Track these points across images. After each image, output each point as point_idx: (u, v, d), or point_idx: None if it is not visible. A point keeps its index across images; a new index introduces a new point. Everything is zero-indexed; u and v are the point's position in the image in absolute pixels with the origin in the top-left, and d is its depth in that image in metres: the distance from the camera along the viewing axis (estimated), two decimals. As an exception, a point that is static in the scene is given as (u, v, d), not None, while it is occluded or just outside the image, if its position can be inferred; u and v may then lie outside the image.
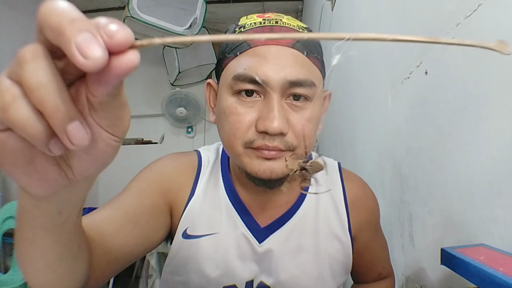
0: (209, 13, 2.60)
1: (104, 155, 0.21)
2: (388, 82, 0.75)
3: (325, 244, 0.55)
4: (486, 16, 0.41)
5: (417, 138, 0.61)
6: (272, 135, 0.42)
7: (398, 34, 0.19)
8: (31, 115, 0.17)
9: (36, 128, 0.17)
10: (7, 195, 2.14)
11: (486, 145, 0.41)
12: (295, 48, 0.44)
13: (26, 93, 0.17)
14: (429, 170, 0.56)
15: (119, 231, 0.44)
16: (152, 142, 3.27)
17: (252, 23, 0.46)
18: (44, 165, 0.20)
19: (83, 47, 0.16)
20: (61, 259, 0.31)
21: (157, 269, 1.95)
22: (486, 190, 0.41)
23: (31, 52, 0.17)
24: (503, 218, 0.38)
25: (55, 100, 0.17)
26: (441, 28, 0.52)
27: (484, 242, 0.42)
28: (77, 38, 0.16)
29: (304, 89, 0.44)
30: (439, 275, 0.52)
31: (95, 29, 0.17)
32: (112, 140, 0.21)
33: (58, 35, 0.16)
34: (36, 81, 0.17)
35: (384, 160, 0.80)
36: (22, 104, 0.17)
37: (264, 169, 0.44)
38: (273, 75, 0.42)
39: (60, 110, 0.17)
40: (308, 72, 0.44)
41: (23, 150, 0.19)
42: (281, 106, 0.43)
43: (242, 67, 0.43)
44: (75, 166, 0.21)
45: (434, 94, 0.55)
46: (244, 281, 0.53)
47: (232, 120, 0.44)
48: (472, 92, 0.44)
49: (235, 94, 0.44)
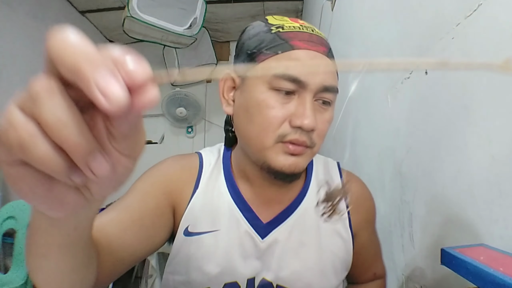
0: (209, 13, 2.60)
1: (122, 177, 0.21)
2: (388, 82, 0.75)
3: (327, 241, 0.56)
4: (486, 16, 0.41)
5: (417, 138, 0.61)
6: (305, 131, 0.46)
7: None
8: (51, 151, 0.17)
9: (57, 163, 0.17)
10: (7, 195, 2.13)
11: (486, 145, 0.41)
12: (328, 57, 0.49)
13: (45, 130, 0.16)
14: (429, 170, 0.56)
15: (125, 232, 0.45)
16: (152, 142, 3.27)
17: (291, 26, 0.49)
18: (63, 191, 0.20)
19: (105, 90, 0.15)
20: (73, 270, 0.31)
21: (157, 269, 1.95)
22: (486, 190, 0.41)
23: (46, 88, 0.16)
24: (503, 218, 0.38)
25: (76, 136, 0.16)
26: (441, 28, 0.52)
27: (484, 242, 0.42)
28: (98, 81, 0.15)
29: (331, 94, 0.48)
30: (439, 275, 0.52)
31: (113, 67, 0.16)
32: (130, 163, 0.21)
33: (76, 75, 0.16)
34: (55, 119, 0.16)
35: (384, 160, 0.80)
36: (41, 141, 0.16)
37: (290, 164, 0.47)
38: (313, 79, 0.45)
39: (81, 145, 0.17)
40: (335, 80, 0.49)
41: (43, 181, 0.18)
42: (313, 106, 0.46)
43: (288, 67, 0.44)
44: (94, 188, 0.21)
45: (434, 94, 0.55)
46: (246, 278, 0.53)
47: (267, 113, 0.46)
48: (472, 92, 0.44)
49: (272, 89, 0.46)
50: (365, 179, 0.63)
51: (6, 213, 1.79)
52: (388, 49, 0.76)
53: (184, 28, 2.35)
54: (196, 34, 2.43)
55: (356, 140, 1.10)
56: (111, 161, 0.19)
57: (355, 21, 1.09)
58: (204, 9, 2.37)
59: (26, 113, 0.17)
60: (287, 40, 0.46)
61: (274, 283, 0.53)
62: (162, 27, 2.27)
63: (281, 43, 0.46)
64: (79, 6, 2.91)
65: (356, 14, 1.07)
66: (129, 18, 2.18)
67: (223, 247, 0.53)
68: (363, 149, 1.00)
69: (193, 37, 2.44)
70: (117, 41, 3.49)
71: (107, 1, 2.84)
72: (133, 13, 2.15)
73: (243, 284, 0.52)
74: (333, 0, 1.40)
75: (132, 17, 2.16)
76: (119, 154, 0.19)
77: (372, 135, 0.91)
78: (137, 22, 2.21)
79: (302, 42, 0.46)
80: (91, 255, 0.35)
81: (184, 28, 2.35)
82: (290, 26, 0.48)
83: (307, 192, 0.57)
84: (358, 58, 1.05)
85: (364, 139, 0.99)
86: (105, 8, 2.93)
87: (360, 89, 1.03)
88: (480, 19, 0.43)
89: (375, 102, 0.86)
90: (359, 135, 1.05)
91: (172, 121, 3.18)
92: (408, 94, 0.65)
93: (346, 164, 1.27)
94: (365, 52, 0.96)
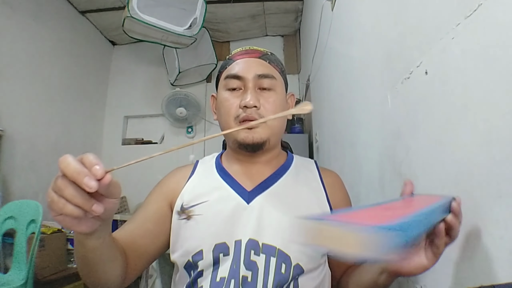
0: (209, 13, 2.60)
1: (112, 208, 0.43)
2: (388, 82, 0.75)
3: (307, 208, 0.65)
4: (486, 16, 0.41)
5: (417, 138, 0.61)
6: (250, 108, 0.64)
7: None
8: (73, 208, 0.38)
9: (77, 212, 0.38)
10: (7, 195, 2.14)
11: (486, 145, 0.41)
12: (261, 59, 0.70)
13: (68, 200, 0.37)
14: (429, 170, 0.57)
15: (134, 237, 0.63)
16: (152, 142, 3.27)
17: (235, 52, 0.73)
18: (86, 219, 0.42)
19: (87, 184, 0.36)
20: (103, 262, 0.52)
21: (157, 269, 1.95)
22: (486, 190, 0.41)
23: (63, 184, 0.37)
24: (503, 218, 0.38)
25: (83, 202, 0.38)
26: (441, 28, 0.52)
27: (484, 242, 0.42)
28: (84, 181, 0.36)
29: (268, 80, 0.67)
30: (439, 275, 0.52)
31: (88, 172, 0.37)
32: (114, 201, 0.43)
33: (74, 179, 0.36)
34: (71, 196, 0.37)
35: (384, 160, 0.80)
36: (68, 206, 0.38)
37: (247, 136, 0.64)
38: (248, 73, 0.67)
39: (86, 204, 0.38)
40: (270, 70, 0.68)
41: (73, 220, 0.40)
42: (254, 91, 0.66)
43: (230, 71, 0.69)
44: (101, 216, 0.42)
45: (434, 94, 0.55)
46: (234, 239, 0.60)
47: (226, 104, 0.67)
48: (472, 92, 0.44)
49: (227, 90, 0.68)
50: (365, 179, 0.63)
51: (6, 213, 1.79)
52: (388, 49, 0.76)
53: (184, 28, 2.35)
54: (196, 34, 2.43)
55: (356, 140, 1.10)
56: (103, 205, 0.40)
57: (355, 21, 1.09)
58: (204, 9, 2.36)
59: (57, 193, 0.38)
60: (231, 58, 0.71)
61: (260, 242, 0.59)
62: (162, 27, 2.27)
63: (228, 61, 0.71)
64: (79, 6, 2.91)
65: (356, 14, 1.07)
66: (129, 18, 2.18)
67: (212, 213, 0.63)
68: (363, 149, 1.00)
69: (193, 37, 2.44)
70: (117, 41, 3.49)
71: (107, 1, 2.83)
72: (133, 13, 2.15)
73: (231, 244, 0.59)
74: (333, 0, 1.40)
75: (132, 17, 2.16)
76: (106, 199, 0.41)
77: (372, 135, 0.91)
78: (137, 22, 2.21)
79: (239, 56, 0.70)
80: (115, 253, 0.55)
81: (184, 28, 2.35)
82: (235, 51, 0.73)
83: (287, 170, 0.71)
84: (358, 58, 1.05)
85: (364, 139, 0.99)
86: (105, 8, 2.93)
87: (360, 89, 1.03)
88: (480, 19, 0.43)
89: (375, 102, 0.86)
90: (359, 135, 1.05)
91: (172, 121, 3.18)
92: (408, 94, 0.65)
93: (346, 164, 1.27)
94: (365, 52, 0.96)
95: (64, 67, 2.81)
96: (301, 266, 0.59)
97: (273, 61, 0.71)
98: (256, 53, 0.70)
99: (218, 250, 0.59)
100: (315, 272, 0.62)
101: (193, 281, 0.61)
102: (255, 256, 0.58)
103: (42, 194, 2.43)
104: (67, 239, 1.97)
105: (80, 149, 2.85)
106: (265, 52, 0.72)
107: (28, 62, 2.44)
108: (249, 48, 0.72)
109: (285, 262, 0.58)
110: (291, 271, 0.58)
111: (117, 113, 3.39)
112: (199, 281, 0.60)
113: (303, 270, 0.59)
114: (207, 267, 0.59)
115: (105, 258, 0.52)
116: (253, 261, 0.58)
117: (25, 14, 2.42)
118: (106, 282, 0.56)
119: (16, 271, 1.64)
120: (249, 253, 0.58)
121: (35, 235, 1.61)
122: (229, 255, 0.59)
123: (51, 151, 2.60)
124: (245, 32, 3.28)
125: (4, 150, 2.16)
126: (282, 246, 0.59)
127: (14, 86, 2.30)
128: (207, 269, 0.59)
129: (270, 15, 3.00)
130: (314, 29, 1.94)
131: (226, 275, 0.57)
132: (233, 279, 0.56)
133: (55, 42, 2.70)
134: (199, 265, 0.60)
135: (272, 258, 0.58)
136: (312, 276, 0.61)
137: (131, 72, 3.45)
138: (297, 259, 0.59)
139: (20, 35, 2.37)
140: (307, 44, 2.58)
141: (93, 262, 0.51)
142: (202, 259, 0.59)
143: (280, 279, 0.57)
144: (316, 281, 0.61)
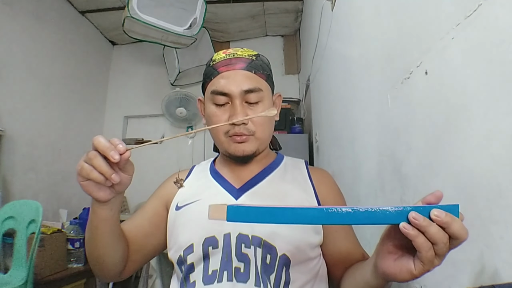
0: (209, 13, 2.60)
1: (126, 182, 0.53)
2: (388, 82, 0.75)
3: (294, 202, 0.66)
4: (486, 16, 0.41)
5: (417, 138, 0.61)
6: (238, 125, 0.66)
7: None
8: (98, 175, 0.47)
9: (101, 179, 0.47)
10: (7, 195, 2.14)
11: (486, 145, 0.41)
12: (245, 70, 0.68)
13: (95, 167, 0.47)
14: (429, 170, 0.57)
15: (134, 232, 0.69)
16: (152, 142, 3.26)
17: (219, 58, 0.70)
18: (105, 188, 0.51)
19: (113, 156, 0.46)
20: (111, 236, 0.59)
21: (157, 269, 1.95)
22: (486, 190, 0.41)
23: (94, 154, 0.47)
24: (503, 218, 0.38)
25: (107, 170, 0.47)
26: (441, 28, 0.52)
27: (485, 242, 0.42)
28: (110, 153, 0.46)
29: (255, 95, 0.67)
30: (439, 275, 0.52)
31: (113, 147, 0.46)
32: (128, 177, 0.52)
33: (103, 152, 0.46)
34: (98, 164, 0.47)
35: (384, 160, 0.80)
36: (94, 172, 0.47)
37: (238, 149, 0.68)
38: (235, 89, 0.66)
39: (108, 172, 0.47)
40: (256, 83, 0.68)
41: (97, 185, 0.50)
42: (242, 106, 0.67)
43: (216, 85, 0.68)
44: (116, 187, 0.52)
45: (434, 94, 0.55)
46: (222, 233, 0.62)
47: (215, 120, 0.68)
48: (472, 92, 0.44)
49: (214, 104, 0.69)
50: (365, 179, 0.63)
51: (6, 213, 1.79)
52: (388, 49, 0.76)
53: (184, 28, 2.34)
54: (196, 34, 2.43)
55: (356, 140, 1.10)
56: (120, 176, 0.49)
57: (355, 21, 1.09)
58: (204, 9, 2.36)
59: (87, 163, 0.47)
60: (215, 68, 0.70)
61: (250, 235, 0.62)
62: (162, 27, 2.27)
63: (213, 72, 0.70)
64: (79, 6, 2.91)
65: (356, 14, 1.07)
66: (129, 18, 2.18)
67: (203, 210, 0.64)
68: (363, 149, 1.00)
69: (193, 37, 2.44)
70: (117, 41, 3.49)
71: (107, 1, 2.83)
72: (133, 13, 2.14)
73: (220, 238, 0.62)
74: (333, 0, 1.40)
75: (132, 17, 2.16)
76: (123, 173, 0.51)
77: (372, 135, 0.91)
78: (137, 22, 2.21)
79: (224, 67, 0.68)
80: (120, 232, 0.62)
81: (184, 28, 2.34)
82: (219, 58, 0.70)
83: (275, 169, 0.74)
84: (358, 58, 1.05)
85: (364, 139, 0.99)
86: (105, 8, 2.93)
87: (360, 89, 1.03)
88: (480, 19, 0.43)
89: (375, 102, 0.86)
90: (359, 135, 1.05)
91: (172, 121, 3.17)
92: (408, 94, 0.65)
93: (346, 164, 1.27)
94: (365, 52, 0.96)
95: (64, 67, 2.80)
96: (287, 256, 0.61)
97: (258, 69, 0.69)
98: (241, 62, 0.68)
99: (207, 244, 0.62)
100: (306, 265, 0.63)
101: (185, 277, 0.63)
102: (246, 249, 0.61)
103: (42, 194, 2.43)
104: (67, 239, 1.97)
105: (80, 149, 2.84)
106: (250, 58, 0.69)
107: (28, 62, 2.44)
108: (233, 57, 0.69)
109: (270, 253, 0.61)
110: (276, 261, 0.60)
111: (117, 113, 3.39)
112: (191, 277, 0.62)
113: (289, 260, 0.61)
114: (198, 261, 0.62)
115: (112, 232, 0.59)
116: (244, 253, 0.60)
117: (25, 14, 2.42)
118: (107, 264, 0.62)
119: (16, 271, 1.64)
120: (240, 246, 0.61)
121: (35, 235, 1.61)
122: (218, 248, 0.61)
123: (51, 151, 2.60)
124: (245, 32, 3.28)
125: (4, 150, 2.16)
126: (267, 237, 0.61)
127: (14, 86, 2.30)
128: (198, 263, 0.62)
129: (270, 15, 3.00)
130: (314, 29, 1.94)
131: (218, 268, 0.59)
132: (225, 270, 0.59)
133: (55, 42, 2.70)
134: (188, 259, 0.62)
135: (258, 249, 0.61)
136: (303, 269, 0.62)
137: (131, 72, 3.45)
138: (283, 250, 0.61)
139: (20, 35, 2.37)
140: (307, 44, 2.58)
141: (101, 233, 0.58)
142: (192, 253, 0.62)
143: (266, 268, 0.59)
144: (308, 275, 0.62)
